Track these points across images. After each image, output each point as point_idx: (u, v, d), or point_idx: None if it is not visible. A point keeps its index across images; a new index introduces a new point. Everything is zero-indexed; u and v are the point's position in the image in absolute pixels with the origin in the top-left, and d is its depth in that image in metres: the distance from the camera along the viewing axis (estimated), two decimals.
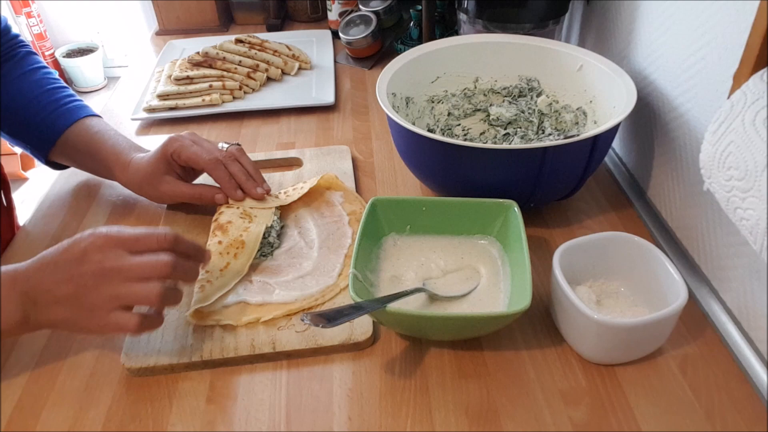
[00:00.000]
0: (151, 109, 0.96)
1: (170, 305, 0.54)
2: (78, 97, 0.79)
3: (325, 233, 0.69)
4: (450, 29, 1.10)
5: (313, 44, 1.18)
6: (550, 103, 0.82)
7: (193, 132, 0.72)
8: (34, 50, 0.80)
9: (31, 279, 0.51)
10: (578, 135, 0.64)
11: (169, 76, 1.03)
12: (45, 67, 0.79)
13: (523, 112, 0.83)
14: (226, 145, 0.72)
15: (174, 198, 0.71)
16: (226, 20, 1.32)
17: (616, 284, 0.59)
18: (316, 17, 1.32)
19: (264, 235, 0.66)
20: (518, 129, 0.83)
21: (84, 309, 0.50)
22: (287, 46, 1.09)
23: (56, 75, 0.80)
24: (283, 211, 0.72)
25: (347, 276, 0.57)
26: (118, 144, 0.74)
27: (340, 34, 1.09)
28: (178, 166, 0.70)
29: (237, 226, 0.66)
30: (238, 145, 0.72)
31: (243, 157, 0.71)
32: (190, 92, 0.98)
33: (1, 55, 0.75)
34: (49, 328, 0.54)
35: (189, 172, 0.72)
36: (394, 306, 0.51)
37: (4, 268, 0.51)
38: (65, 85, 0.79)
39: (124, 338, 0.58)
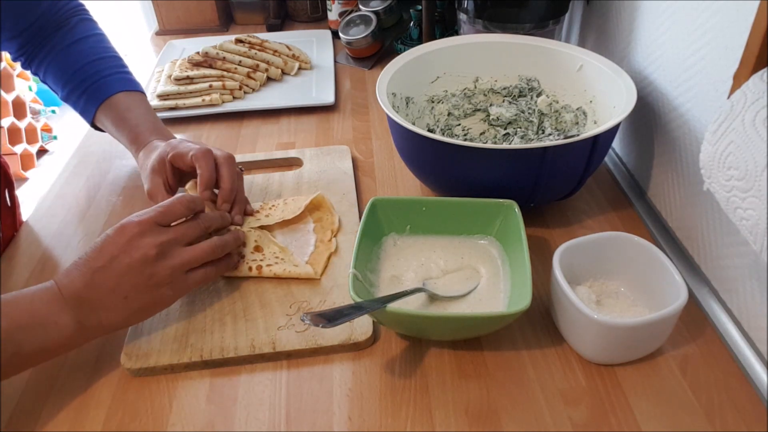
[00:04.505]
0: None
1: (234, 247, 0.62)
2: (123, 68, 0.80)
3: (288, 239, 0.69)
4: (450, 29, 1.10)
5: (313, 44, 1.18)
6: (550, 103, 0.82)
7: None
8: (90, 17, 0.82)
9: (85, 290, 0.52)
10: (578, 135, 0.64)
11: (169, 76, 1.03)
12: (97, 34, 0.81)
13: (523, 112, 0.83)
14: None
15: (151, 199, 0.68)
16: (226, 20, 1.32)
17: (616, 284, 0.59)
18: (316, 17, 1.32)
19: None
20: (518, 129, 0.83)
21: (159, 287, 0.54)
22: (287, 46, 1.10)
23: (107, 42, 0.81)
24: None
25: None
26: (140, 125, 0.74)
27: (340, 34, 1.09)
28: (170, 171, 0.68)
29: None
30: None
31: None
32: (190, 92, 0.99)
33: (57, 22, 0.78)
34: (122, 327, 0.55)
35: (177, 180, 0.70)
36: (394, 306, 0.51)
37: (37, 288, 0.52)
38: (114, 54, 0.80)
39: (124, 338, 0.58)
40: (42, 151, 2.64)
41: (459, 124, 0.84)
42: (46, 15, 0.77)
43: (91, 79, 0.76)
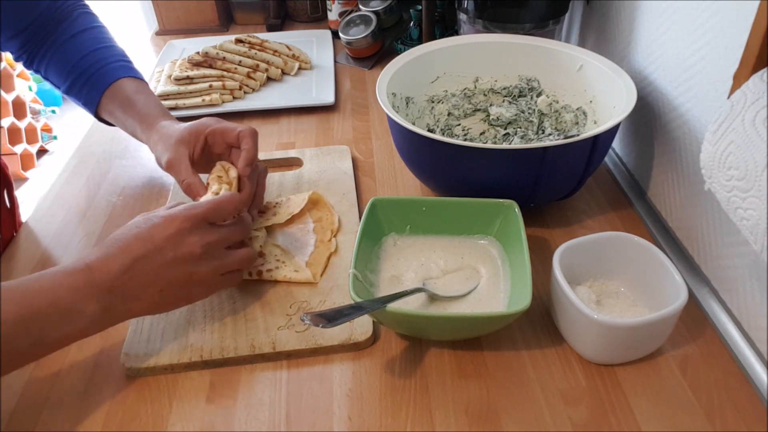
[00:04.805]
0: None
1: None
2: (125, 57, 0.80)
3: (289, 239, 0.69)
4: (450, 29, 1.10)
5: (313, 44, 1.18)
6: (550, 103, 0.82)
7: None
8: (90, 10, 0.82)
9: (121, 278, 0.50)
10: (578, 135, 0.64)
11: (169, 76, 1.03)
12: (97, 27, 0.81)
13: (523, 112, 0.83)
14: None
15: (169, 168, 0.67)
16: (226, 20, 1.32)
17: (616, 284, 0.59)
18: (316, 17, 1.32)
19: None
20: (518, 129, 0.83)
21: (195, 285, 0.54)
22: (287, 46, 1.10)
23: (107, 33, 0.81)
24: None
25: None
26: (149, 107, 0.74)
27: (340, 34, 1.09)
28: (201, 146, 0.67)
29: None
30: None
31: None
32: (190, 92, 0.98)
33: (58, 18, 0.78)
34: (146, 314, 0.55)
35: (203, 160, 0.69)
36: (394, 306, 0.51)
37: (65, 272, 0.49)
38: (114, 44, 0.80)
39: (124, 338, 0.58)
40: (42, 151, 2.64)
41: (459, 124, 0.84)
42: (46, 13, 0.77)
43: (94, 67, 0.76)
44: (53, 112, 2.75)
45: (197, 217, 0.54)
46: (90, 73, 0.76)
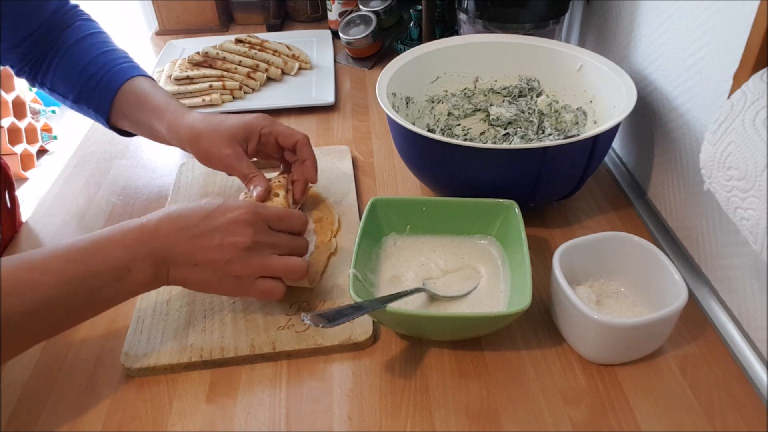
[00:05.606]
0: None
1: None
2: (130, 58, 0.79)
3: None
4: (450, 29, 1.10)
5: (313, 44, 1.18)
6: (550, 103, 0.82)
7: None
8: (90, 17, 0.82)
9: (167, 240, 0.52)
10: (578, 135, 0.64)
11: (169, 76, 1.03)
12: (99, 32, 0.80)
13: (523, 112, 0.83)
14: None
15: (227, 165, 0.67)
16: (226, 20, 1.33)
17: (616, 284, 0.59)
18: (316, 17, 1.32)
19: None
20: (518, 129, 0.83)
21: (229, 276, 0.54)
22: (287, 46, 1.10)
23: (109, 38, 0.81)
24: None
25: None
26: (167, 100, 0.73)
27: (340, 34, 1.09)
28: (254, 144, 0.68)
29: None
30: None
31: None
32: (190, 92, 0.99)
33: (60, 27, 0.77)
34: (179, 285, 0.55)
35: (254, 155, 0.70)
36: (394, 306, 0.51)
37: (124, 232, 0.52)
38: (118, 47, 0.80)
39: (124, 338, 0.58)
40: (42, 151, 2.64)
41: (459, 124, 0.84)
42: (49, 21, 0.76)
43: (104, 68, 0.75)
44: (53, 112, 2.75)
45: (260, 215, 0.55)
46: (101, 75, 0.75)
